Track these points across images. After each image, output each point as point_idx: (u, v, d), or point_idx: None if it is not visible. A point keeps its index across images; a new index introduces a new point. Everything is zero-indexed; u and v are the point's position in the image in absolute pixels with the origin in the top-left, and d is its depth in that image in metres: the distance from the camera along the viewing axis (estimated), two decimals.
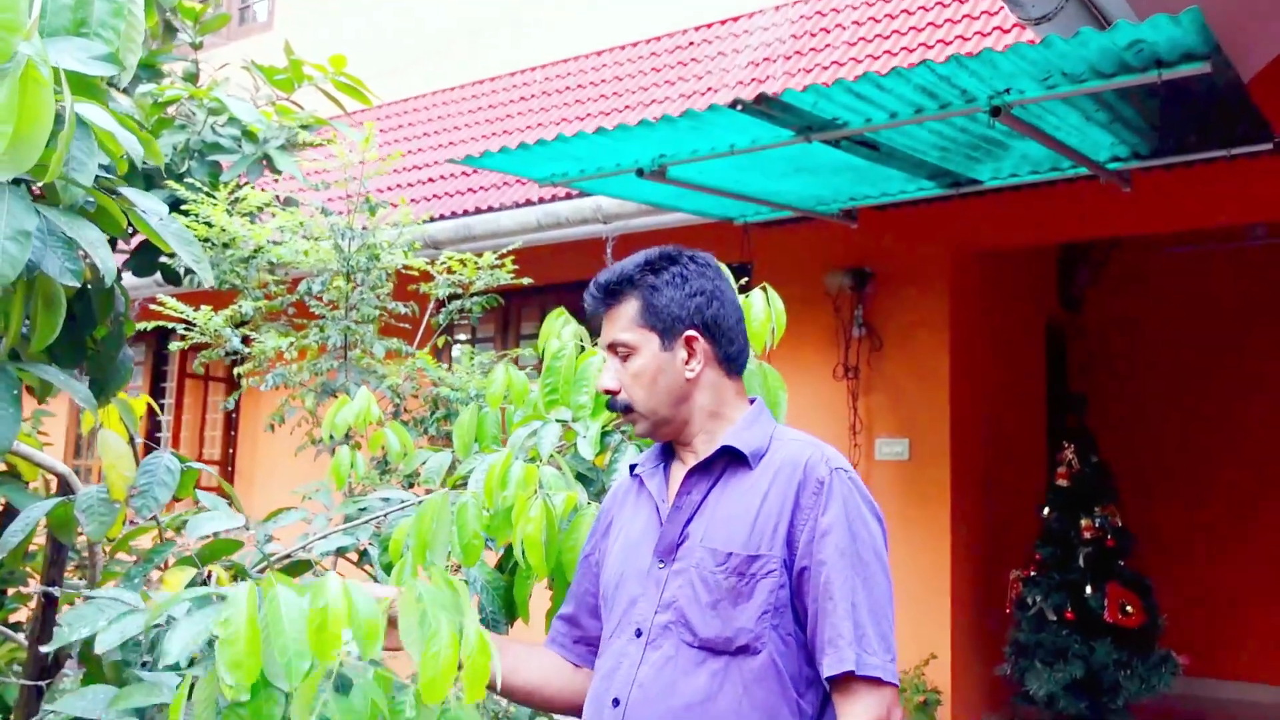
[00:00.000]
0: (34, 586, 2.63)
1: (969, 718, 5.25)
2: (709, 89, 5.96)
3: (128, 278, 4.87)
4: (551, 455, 2.09)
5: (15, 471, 2.36)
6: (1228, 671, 6.21)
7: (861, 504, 1.54)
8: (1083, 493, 5.27)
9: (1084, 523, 5.13)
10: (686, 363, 1.65)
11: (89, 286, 1.88)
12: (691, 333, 1.66)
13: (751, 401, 1.72)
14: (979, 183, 4.35)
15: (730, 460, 1.61)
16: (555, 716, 2.44)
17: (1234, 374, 6.55)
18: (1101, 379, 6.76)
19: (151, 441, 8.39)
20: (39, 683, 2.35)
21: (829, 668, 1.46)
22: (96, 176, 1.90)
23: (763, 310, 2.14)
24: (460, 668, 1.27)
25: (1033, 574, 5.21)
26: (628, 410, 1.65)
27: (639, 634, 1.57)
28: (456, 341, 6.17)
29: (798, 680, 1.50)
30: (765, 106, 3.24)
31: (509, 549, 2.14)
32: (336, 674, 1.27)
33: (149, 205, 1.82)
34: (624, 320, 1.66)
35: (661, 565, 1.59)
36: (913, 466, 5.32)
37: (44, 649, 1.72)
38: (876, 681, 1.45)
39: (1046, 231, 5.26)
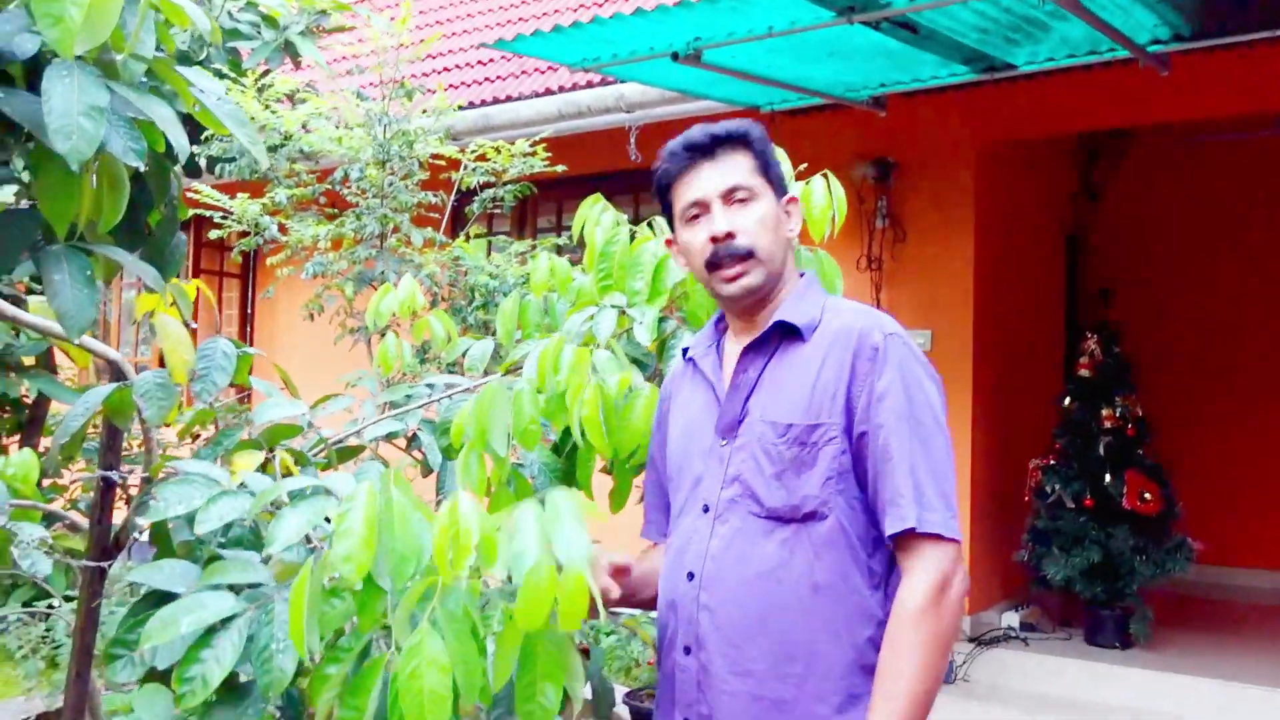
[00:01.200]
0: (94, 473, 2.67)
1: (985, 602, 5.38)
2: None
3: None
4: (608, 341, 2.09)
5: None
6: (1239, 559, 6.33)
7: (917, 367, 1.56)
8: (1104, 383, 5.30)
9: (1105, 412, 5.17)
10: (787, 224, 1.68)
11: (143, 169, 1.86)
12: (794, 196, 1.71)
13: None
14: (1014, 67, 4.26)
15: (784, 335, 1.63)
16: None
17: (1252, 265, 6.52)
18: (1119, 272, 6.73)
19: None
20: (100, 563, 2.40)
21: (890, 526, 1.49)
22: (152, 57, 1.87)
23: (823, 197, 2.13)
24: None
25: (1052, 462, 5.27)
26: (748, 256, 1.62)
27: (706, 510, 1.61)
28: (473, 236, 6.13)
29: (865, 542, 1.54)
30: None
31: (565, 431, 2.17)
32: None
33: (206, 84, 1.79)
34: (741, 169, 1.65)
35: (724, 443, 1.62)
36: (935, 357, 5.33)
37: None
38: (938, 538, 1.48)
39: (1078, 118, 5.17)
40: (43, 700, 4.00)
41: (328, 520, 1.49)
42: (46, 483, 2.94)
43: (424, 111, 3.51)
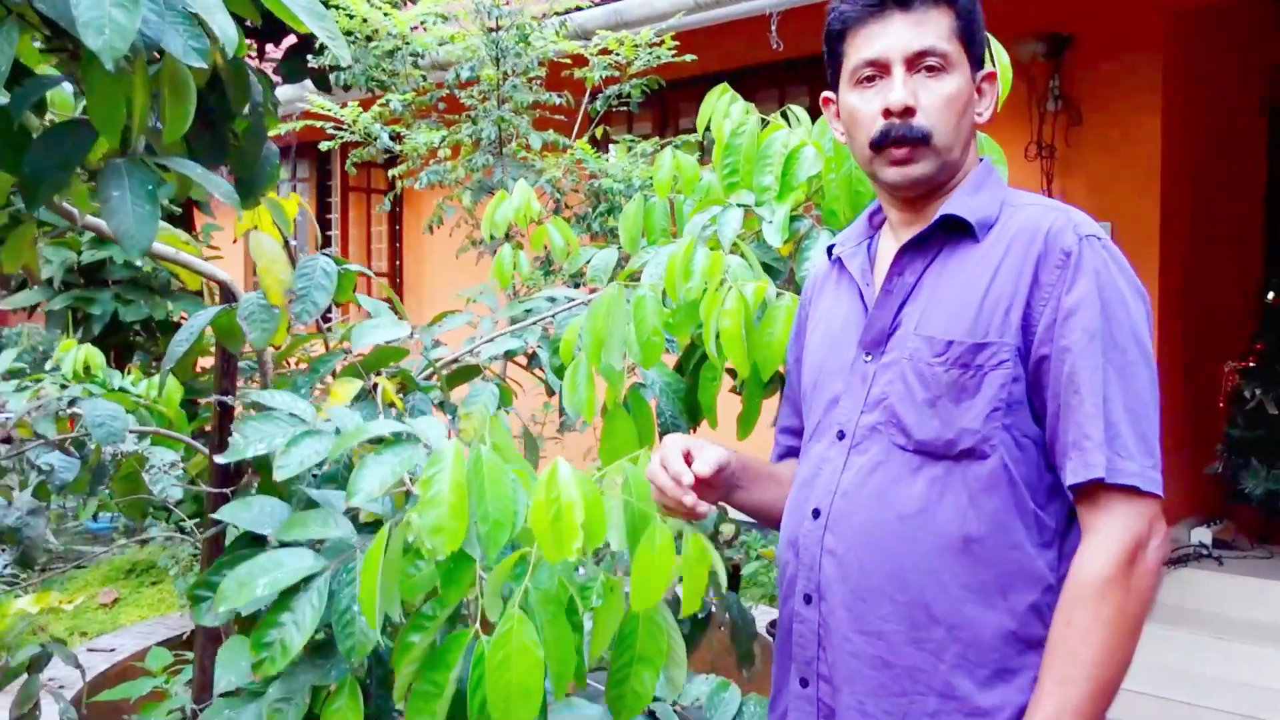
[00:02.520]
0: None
1: (1173, 517, 4.94)
2: None
3: (282, 90, 4.77)
4: (734, 244, 1.85)
5: (158, 285, 2.33)
6: None
7: (1119, 277, 1.25)
8: None
9: None
10: (978, 104, 1.37)
11: (220, 73, 1.71)
12: (993, 70, 1.38)
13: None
14: None
15: (952, 233, 1.33)
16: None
17: None
18: None
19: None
20: (223, 489, 2.34)
21: (1072, 474, 1.21)
22: None
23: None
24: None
25: (1251, 365, 4.75)
26: (923, 140, 1.31)
27: (841, 436, 1.36)
28: (613, 140, 5.91)
29: (1036, 489, 1.26)
30: None
31: (689, 348, 1.95)
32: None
33: None
34: (940, 28, 1.31)
35: (868, 358, 1.35)
36: None
37: (219, 459, 1.65)
38: (1133, 491, 1.19)
39: None
40: None
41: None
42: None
43: (542, 14, 3.27)
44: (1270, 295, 4.83)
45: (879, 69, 1.32)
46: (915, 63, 1.30)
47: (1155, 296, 4.71)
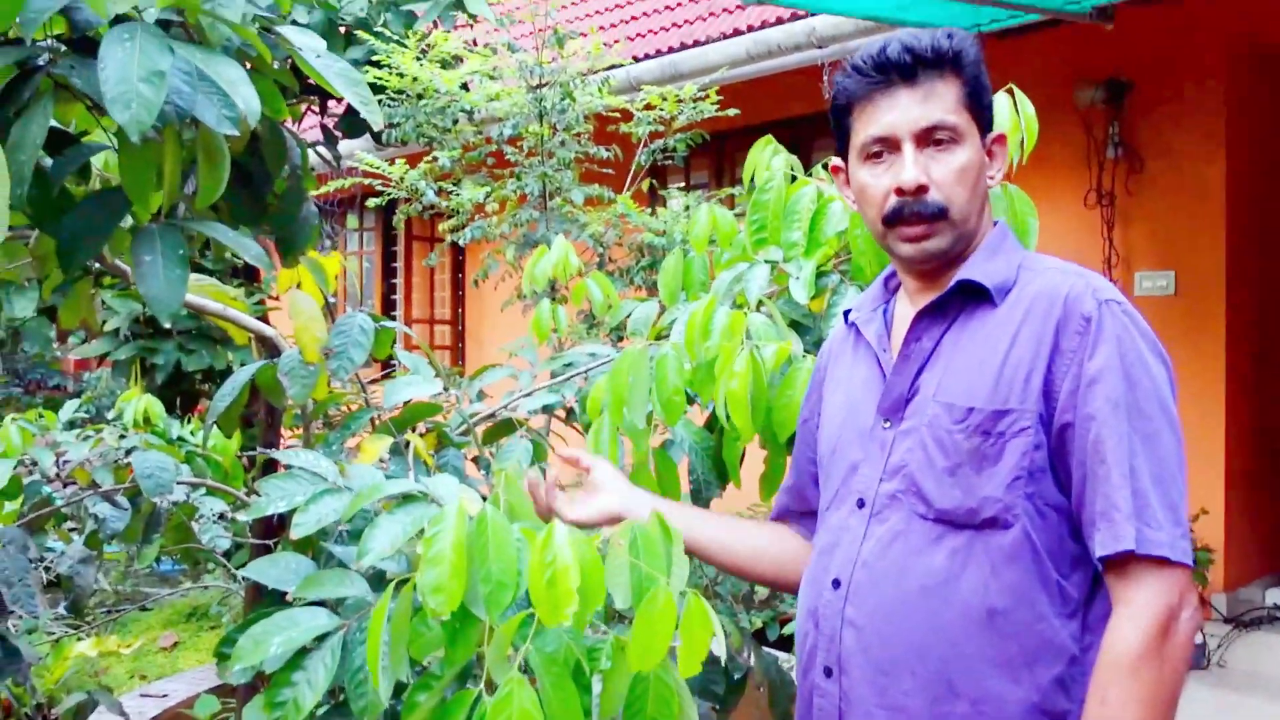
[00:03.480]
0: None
1: (1245, 577, 4.76)
2: None
3: (344, 143, 4.90)
4: (761, 301, 1.85)
5: (220, 336, 2.41)
6: None
7: (1141, 343, 1.23)
8: None
9: None
10: (989, 169, 1.36)
11: (260, 139, 1.76)
12: (1002, 134, 1.38)
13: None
14: None
15: (968, 298, 1.31)
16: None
17: None
18: None
19: (387, 306, 8.71)
20: (266, 541, 2.38)
21: (1102, 546, 1.18)
22: (257, 17, 1.76)
23: (1008, 118, 1.78)
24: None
25: None
26: (940, 215, 1.30)
27: (861, 504, 1.34)
28: (673, 190, 5.95)
29: (1059, 559, 1.23)
30: None
31: None
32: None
33: (305, 42, 1.66)
34: (947, 100, 1.30)
35: (887, 425, 1.33)
36: (1179, 301, 4.72)
37: (241, 517, 1.68)
38: (1163, 562, 1.16)
39: None
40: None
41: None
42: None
43: (585, 71, 3.31)
44: None
45: (888, 146, 1.31)
46: (925, 138, 1.30)
47: (1222, 346, 4.58)
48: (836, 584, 1.33)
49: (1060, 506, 1.23)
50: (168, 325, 1.60)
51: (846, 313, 1.52)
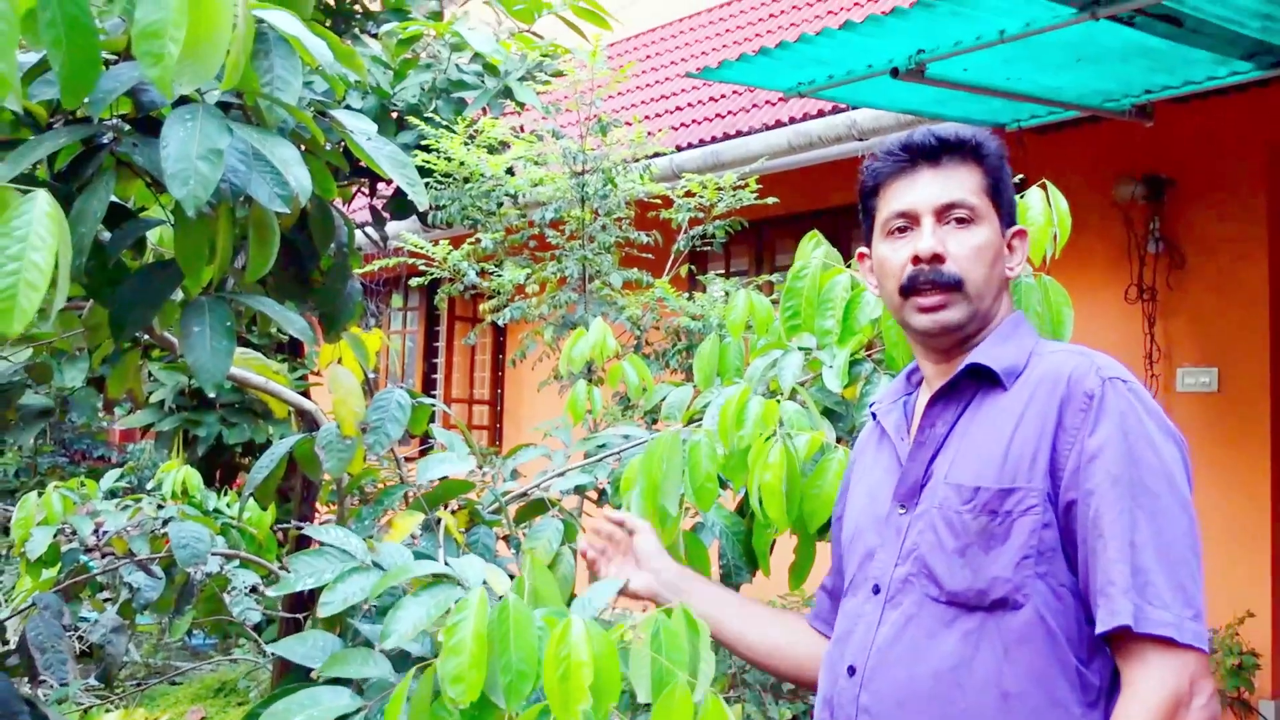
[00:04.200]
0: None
1: None
2: None
3: (392, 224, 5.02)
4: (794, 388, 1.86)
5: (261, 410, 2.47)
6: None
7: (1146, 418, 1.22)
8: None
9: None
10: (1008, 259, 1.40)
11: (309, 216, 1.82)
12: (1023, 229, 1.42)
13: None
14: None
15: (980, 382, 1.33)
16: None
17: None
18: None
19: (428, 384, 8.80)
20: (296, 615, 2.38)
21: (1100, 622, 1.17)
22: (311, 101, 1.83)
23: (1041, 212, 1.80)
24: None
25: None
26: (955, 287, 1.33)
27: (876, 590, 1.33)
28: (710, 274, 6.01)
29: (1077, 643, 1.21)
30: None
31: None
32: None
33: (357, 125, 1.72)
34: (968, 184, 1.36)
35: (903, 511, 1.34)
36: (1222, 399, 4.66)
37: (270, 593, 1.69)
38: (1169, 644, 1.13)
39: None
40: None
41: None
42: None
43: (628, 158, 3.39)
44: None
45: (909, 220, 1.36)
46: (944, 214, 1.34)
47: (1269, 444, 4.50)
48: (852, 671, 1.32)
49: (1075, 589, 1.22)
50: (212, 395, 1.64)
51: (872, 405, 1.53)
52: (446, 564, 1.39)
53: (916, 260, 1.33)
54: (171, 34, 1.21)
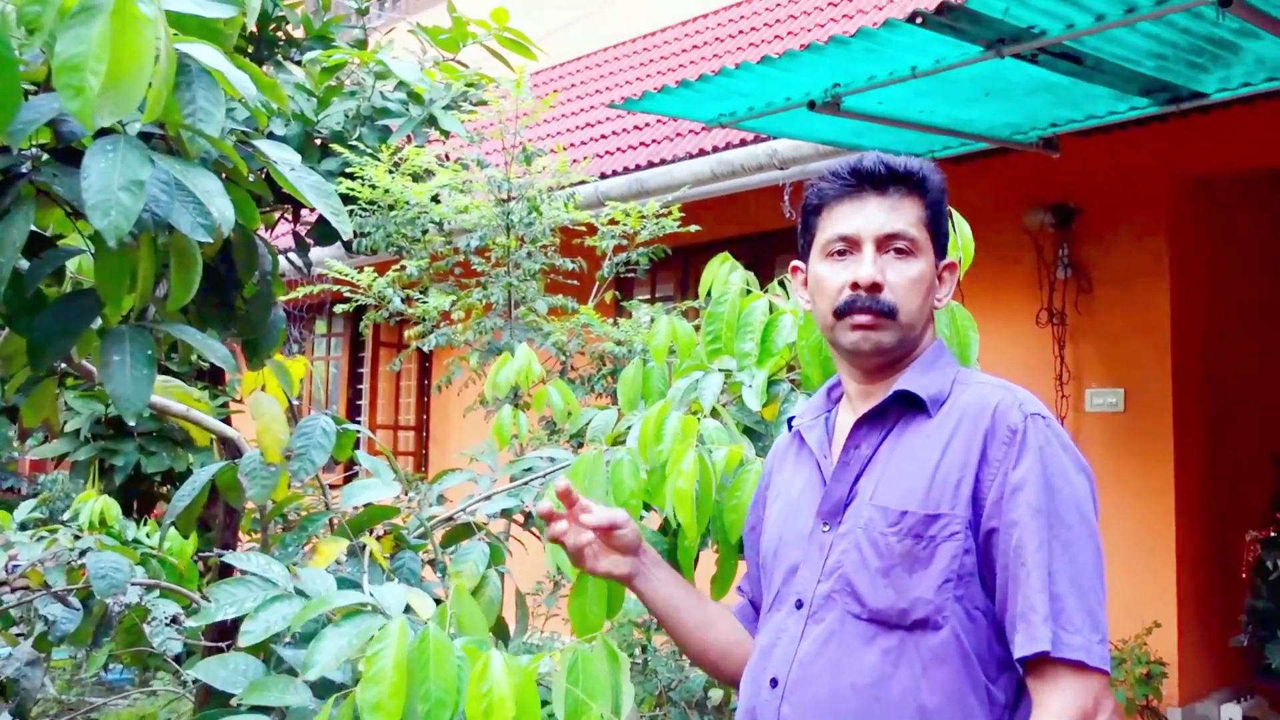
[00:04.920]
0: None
1: (1199, 691, 4.77)
2: (885, 4, 5.57)
3: (315, 250, 4.99)
4: (715, 408, 1.91)
5: (180, 438, 2.44)
6: None
7: (1063, 455, 1.29)
8: None
9: None
10: (938, 290, 1.46)
11: (232, 245, 1.82)
12: (953, 262, 1.47)
13: None
14: (1203, 96, 3.84)
15: (905, 408, 1.39)
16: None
17: None
18: None
19: (352, 410, 8.71)
20: (219, 644, 2.36)
21: (1020, 647, 1.23)
22: (234, 131, 1.84)
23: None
24: None
25: (1273, 535, 4.66)
26: (889, 314, 1.38)
27: (799, 605, 1.38)
28: (636, 299, 6.07)
29: (987, 662, 1.27)
30: (949, 18, 2.92)
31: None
32: None
33: (281, 156, 1.74)
34: (910, 215, 1.40)
35: (826, 528, 1.39)
36: (1128, 418, 4.85)
37: (190, 623, 1.69)
38: (1079, 667, 1.21)
39: None
40: None
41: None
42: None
43: (553, 186, 3.44)
44: None
45: (850, 245, 1.41)
46: (885, 244, 1.39)
47: (1171, 462, 4.69)
48: (774, 683, 1.36)
49: (988, 611, 1.28)
50: (132, 424, 1.63)
51: (790, 420, 1.58)
52: (370, 593, 1.41)
53: (855, 286, 1.39)
54: (92, 67, 1.23)
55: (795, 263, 1.56)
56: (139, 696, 5.17)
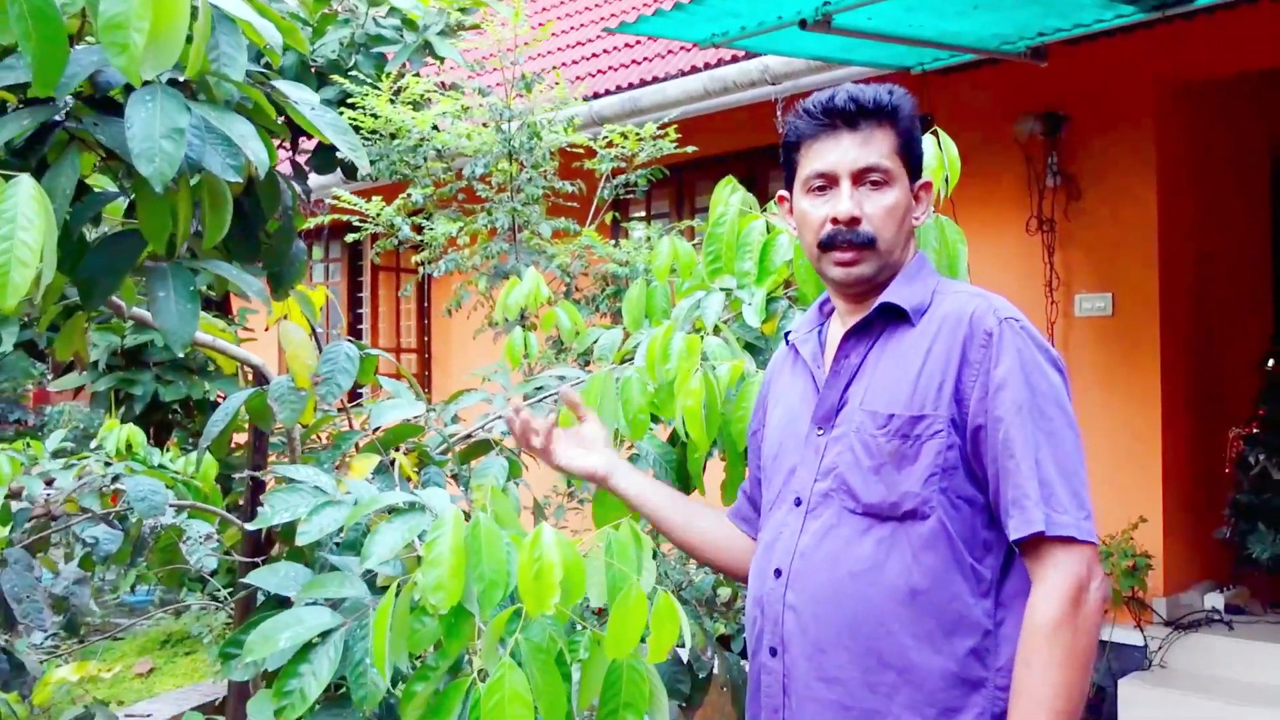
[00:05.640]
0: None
1: (1183, 582, 4.99)
2: None
3: (313, 177, 5.07)
4: (717, 326, 2.03)
5: (195, 366, 2.55)
6: None
7: (1037, 353, 1.42)
8: None
9: None
10: (915, 210, 1.56)
11: (255, 182, 1.92)
12: (928, 181, 1.58)
13: None
14: (1189, 1, 3.88)
15: (890, 319, 1.51)
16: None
17: None
18: None
19: (353, 334, 8.82)
20: (254, 559, 2.51)
21: (1015, 530, 1.37)
22: (251, 72, 1.92)
23: (934, 157, 1.98)
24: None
25: (1255, 431, 4.83)
26: (869, 245, 1.49)
27: (798, 503, 1.52)
28: (633, 219, 6.15)
29: (972, 546, 1.42)
30: None
31: None
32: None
33: (300, 96, 1.82)
34: (883, 147, 1.50)
35: (820, 432, 1.52)
36: (1117, 322, 4.98)
37: (249, 527, 1.82)
38: (1070, 541, 1.35)
39: (1273, 52, 4.69)
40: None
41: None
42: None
43: (550, 104, 3.51)
44: (1270, 362, 4.92)
45: (828, 180, 1.51)
46: (861, 177, 1.50)
47: (1158, 362, 4.83)
48: (778, 573, 1.51)
49: (972, 499, 1.42)
50: (179, 355, 1.75)
51: (787, 334, 1.70)
52: (415, 493, 1.54)
53: (835, 221, 1.50)
54: (135, 24, 1.31)
55: (781, 193, 1.67)
56: (162, 617, 5.38)
